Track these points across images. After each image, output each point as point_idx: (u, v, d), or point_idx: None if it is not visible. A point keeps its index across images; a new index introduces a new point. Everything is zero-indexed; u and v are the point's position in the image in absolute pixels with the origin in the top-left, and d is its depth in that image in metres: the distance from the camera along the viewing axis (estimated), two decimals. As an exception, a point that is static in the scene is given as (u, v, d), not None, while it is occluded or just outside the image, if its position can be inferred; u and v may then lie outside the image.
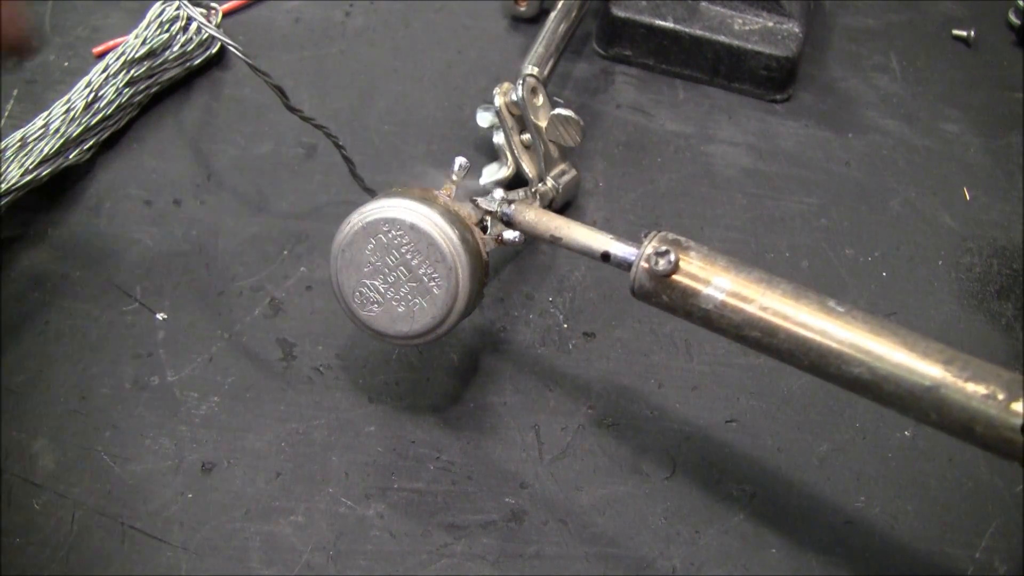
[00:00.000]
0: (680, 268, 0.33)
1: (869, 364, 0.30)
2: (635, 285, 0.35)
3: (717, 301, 0.33)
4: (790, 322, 0.31)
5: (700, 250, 0.34)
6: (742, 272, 0.33)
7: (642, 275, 0.34)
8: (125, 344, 0.44)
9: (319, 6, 0.60)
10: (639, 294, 0.35)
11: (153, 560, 0.38)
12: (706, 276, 0.33)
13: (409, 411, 0.43)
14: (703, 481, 0.42)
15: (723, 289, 0.33)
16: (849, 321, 0.31)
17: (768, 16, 0.57)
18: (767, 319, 0.32)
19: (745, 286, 0.32)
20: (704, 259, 0.33)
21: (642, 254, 0.34)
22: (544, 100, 0.48)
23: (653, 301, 0.34)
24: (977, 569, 0.40)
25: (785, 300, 0.32)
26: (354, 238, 0.37)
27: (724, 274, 0.33)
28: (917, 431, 0.44)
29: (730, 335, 0.33)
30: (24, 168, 0.46)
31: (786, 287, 0.32)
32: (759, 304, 0.32)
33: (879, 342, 0.30)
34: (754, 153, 0.55)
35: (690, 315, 0.34)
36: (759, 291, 0.32)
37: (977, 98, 0.59)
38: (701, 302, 0.33)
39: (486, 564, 0.39)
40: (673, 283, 0.33)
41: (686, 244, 0.34)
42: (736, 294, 0.32)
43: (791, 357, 0.32)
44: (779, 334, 0.32)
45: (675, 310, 0.34)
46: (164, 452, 0.41)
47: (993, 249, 0.52)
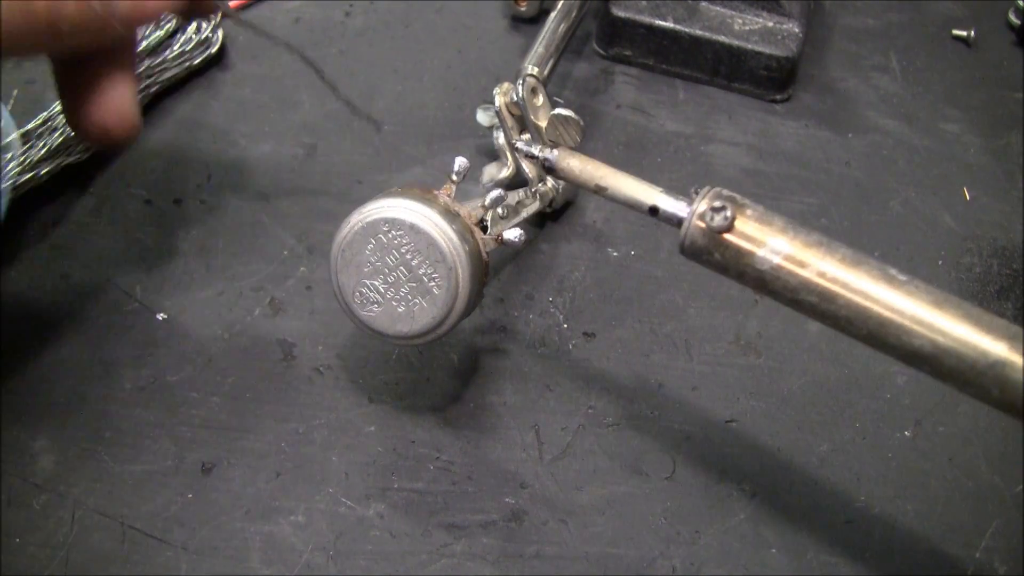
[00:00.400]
0: (735, 227, 0.32)
1: (931, 337, 0.29)
2: (686, 242, 0.33)
3: (773, 263, 0.31)
4: (849, 289, 0.30)
5: (756, 209, 0.32)
6: (800, 234, 0.32)
7: (695, 231, 0.33)
8: (125, 344, 0.44)
9: (319, 6, 0.60)
10: (689, 251, 0.33)
11: (153, 560, 0.38)
12: (762, 236, 0.32)
13: (409, 411, 0.43)
14: (703, 481, 0.42)
15: (779, 251, 0.31)
16: (911, 291, 0.30)
17: (768, 16, 0.57)
18: (824, 285, 0.31)
19: (803, 249, 0.31)
20: (760, 218, 0.32)
21: (695, 210, 0.33)
22: (544, 100, 0.48)
23: (704, 259, 0.33)
24: (977, 569, 0.40)
25: (844, 266, 0.31)
26: (354, 238, 0.37)
27: (781, 235, 0.32)
28: (917, 431, 0.44)
29: (784, 299, 0.32)
30: (23, 166, 0.46)
31: (845, 252, 0.31)
32: (817, 269, 0.31)
33: (942, 314, 0.29)
34: (754, 153, 0.55)
35: (743, 276, 0.32)
36: (817, 255, 0.31)
37: (977, 98, 0.59)
38: (756, 263, 0.32)
39: (486, 564, 0.39)
40: (727, 242, 0.32)
41: (742, 201, 0.33)
42: (793, 257, 0.31)
43: (848, 325, 0.31)
44: (837, 300, 0.31)
45: (727, 270, 0.33)
46: (164, 452, 0.41)
47: (993, 249, 0.52)
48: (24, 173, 0.47)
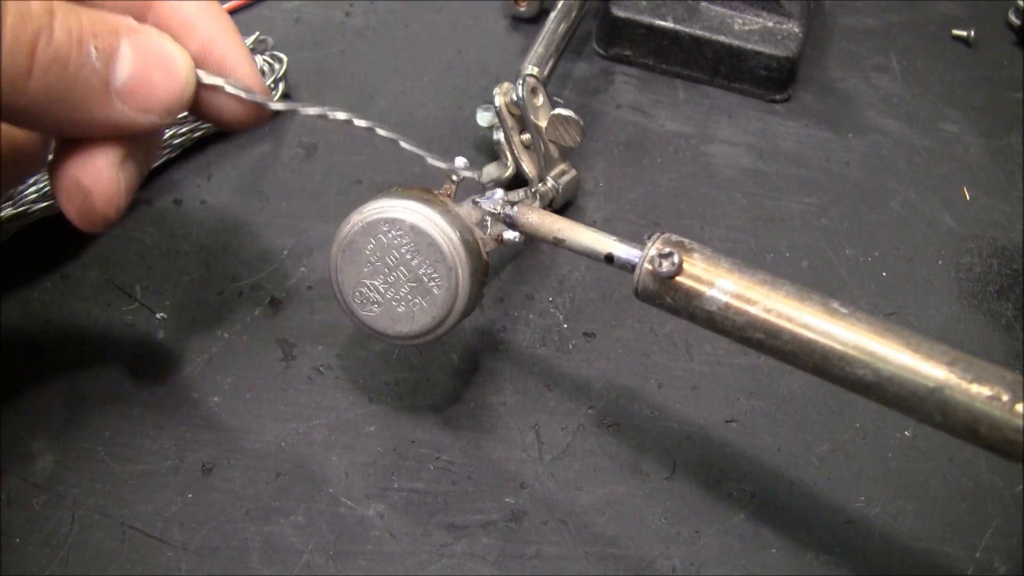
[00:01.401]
0: (684, 270, 0.33)
1: (873, 366, 0.30)
2: (639, 287, 0.35)
3: (721, 303, 0.33)
4: (794, 324, 0.31)
5: (704, 252, 0.34)
6: (746, 274, 0.33)
7: (645, 277, 0.34)
8: (125, 344, 0.44)
9: (319, 6, 0.60)
10: (642, 296, 0.35)
11: (153, 560, 0.38)
12: (710, 278, 0.33)
13: (409, 411, 0.43)
14: (703, 481, 0.42)
15: (727, 291, 0.33)
16: (853, 323, 0.31)
17: (768, 16, 0.57)
18: (771, 321, 0.32)
19: (749, 288, 0.32)
20: (708, 261, 0.33)
21: (645, 256, 0.34)
22: (544, 100, 0.48)
23: (657, 303, 0.35)
24: (977, 569, 0.40)
25: (789, 302, 0.32)
26: (354, 238, 0.37)
27: (728, 276, 0.33)
28: (917, 431, 0.44)
29: (734, 337, 0.33)
30: (41, 192, 0.45)
31: (789, 289, 0.32)
32: (763, 306, 0.32)
33: (883, 344, 0.30)
34: (754, 153, 0.55)
35: (694, 317, 0.34)
36: (763, 293, 0.32)
37: (977, 98, 0.59)
38: (705, 304, 0.33)
39: (486, 564, 0.39)
40: (677, 285, 0.33)
41: (689, 246, 0.34)
42: (740, 296, 0.32)
43: (795, 359, 0.32)
44: (783, 336, 0.32)
45: (679, 312, 0.34)
46: (164, 452, 0.41)
47: (993, 249, 0.52)
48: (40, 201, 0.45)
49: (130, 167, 0.32)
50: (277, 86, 0.53)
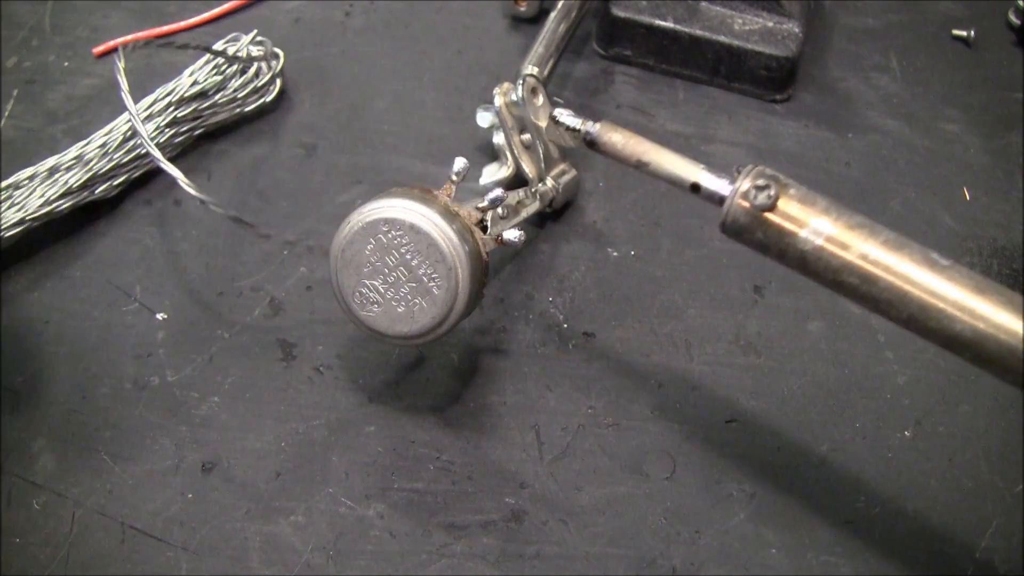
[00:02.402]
0: (778, 206, 0.32)
1: (971, 322, 0.29)
2: (727, 220, 0.33)
3: (815, 244, 0.31)
4: (891, 272, 0.30)
5: (799, 189, 0.32)
6: (843, 216, 0.32)
7: (737, 209, 0.33)
8: (125, 344, 0.44)
9: (319, 6, 0.60)
10: (731, 230, 0.33)
11: (153, 560, 0.38)
12: (804, 217, 0.32)
13: (409, 411, 0.43)
14: (703, 481, 0.42)
15: (822, 232, 0.31)
16: (954, 276, 0.30)
17: (768, 16, 0.57)
18: (866, 267, 0.31)
19: (846, 231, 0.31)
20: (803, 199, 0.32)
21: (738, 187, 0.33)
22: (544, 100, 0.48)
23: (745, 238, 0.33)
24: (977, 569, 0.40)
25: (887, 249, 0.31)
26: (354, 238, 0.37)
27: (824, 216, 0.32)
28: (917, 431, 0.44)
29: (825, 280, 0.32)
30: (45, 198, 0.45)
31: (888, 235, 0.31)
32: (859, 251, 0.31)
33: (984, 300, 0.29)
34: (754, 153, 0.55)
35: (784, 256, 0.32)
36: (860, 237, 0.31)
37: (977, 98, 0.59)
38: (799, 243, 0.32)
39: (486, 564, 0.39)
40: (770, 221, 0.32)
41: (785, 181, 0.33)
42: (835, 239, 0.31)
43: (889, 308, 0.31)
44: (879, 283, 0.31)
45: (768, 249, 0.33)
46: (164, 452, 0.41)
47: (993, 249, 0.52)
48: (44, 207, 0.45)
49: None
50: (275, 82, 0.53)
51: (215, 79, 0.51)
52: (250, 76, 0.52)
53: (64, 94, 0.54)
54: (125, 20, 0.57)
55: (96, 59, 0.55)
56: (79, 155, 0.47)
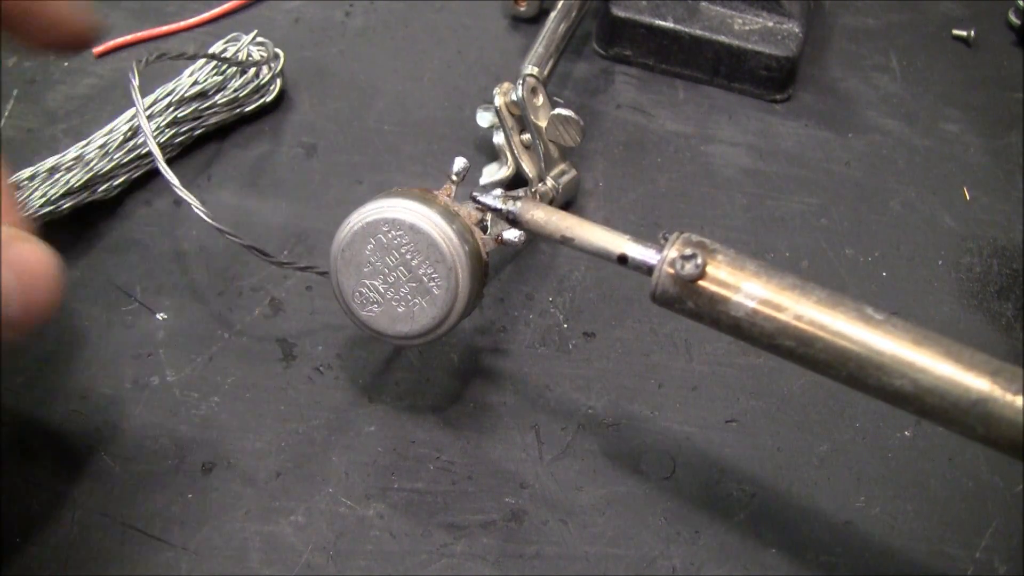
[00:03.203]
0: (707, 273, 0.31)
1: (911, 376, 0.29)
2: (657, 291, 0.32)
3: (748, 309, 0.31)
4: (827, 332, 0.30)
5: (727, 253, 0.32)
6: (774, 278, 0.31)
7: (665, 280, 0.32)
8: (125, 344, 0.44)
9: (319, 6, 0.60)
10: (661, 300, 0.33)
11: (153, 560, 0.38)
12: (735, 282, 0.31)
13: (409, 411, 0.43)
14: (703, 481, 0.42)
15: (754, 296, 0.31)
16: (889, 330, 0.29)
17: (768, 16, 0.57)
18: (803, 328, 0.30)
19: (778, 293, 0.31)
20: (732, 263, 0.31)
21: (665, 258, 0.32)
22: (544, 100, 0.48)
23: (677, 307, 0.32)
24: (977, 569, 0.40)
25: (821, 308, 0.30)
26: (354, 238, 0.37)
27: (755, 280, 0.31)
28: (917, 431, 0.44)
29: (761, 344, 0.31)
30: (46, 198, 0.45)
31: (820, 294, 0.30)
32: (793, 312, 0.30)
33: (922, 353, 0.29)
34: (754, 153, 0.55)
35: (718, 323, 0.32)
36: (793, 298, 0.30)
37: (977, 98, 0.59)
38: (731, 309, 0.31)
39: (486, 564, 0.39)
40: (700, 289, 0.31)
41: (712, 247, 0.32)
42: (768, 302, 0.31)
43: (828, 368, 0.30)
44: (816, 344, 0.30)
45: (701, 317, 0.32)
46: (164, 452, 0.41)
47: (993, 249, 0.52)
48: (45, 207, 0.45)
49: None
50: (275, 82, 0.53)
51: (215, 79, 0.50)
52: (250, 76, 0.52)
53: (64, 94, 0.54)
54: (125, 20, 0.57)
55: (96, 59, 0.55)
56: (79, 155, 0.47)
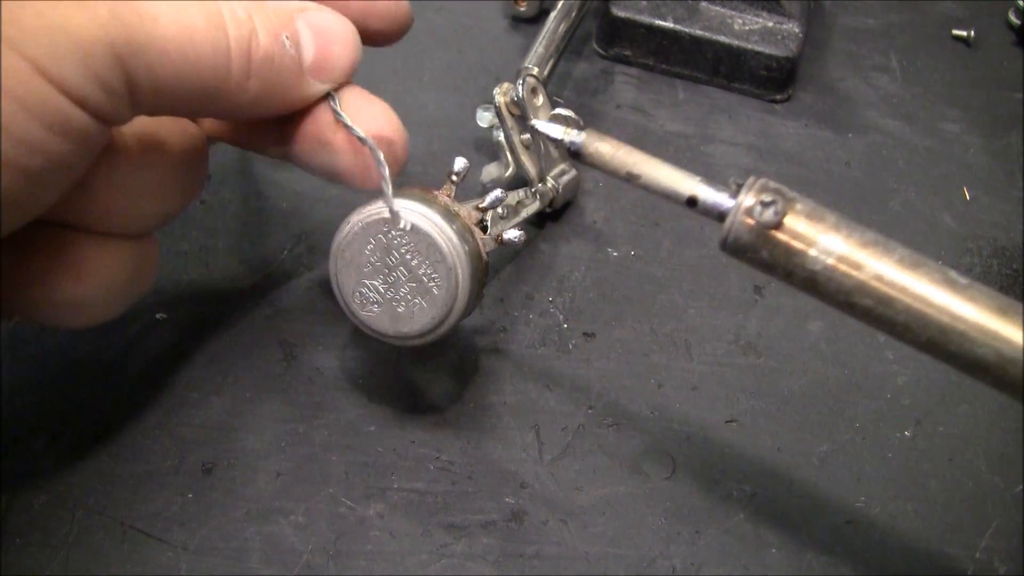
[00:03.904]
0: (784, 223, 0.30)
1: (995, 345, 0.28)
2: (730, 238, 0.30)
3: (826, 263, 0.29)
4: (908, 294, 0.28)
5: (806, 203, 0.30)
6: (854, 232, 0.29)
7: (740, 227, 0.30)
8: (125, 344, 0.44)
9: (319, 6, 0.60)
10: (733, 248, 0.31)
11: (153, 560, 0.38)
12: (813, 234, 0.29)
13: (409, 411, 0.43)
14: (703, 481, 0.42)
15: (833, 251, 0.29)
16: (974, 296, 0.28)
17: (768, 16, 0.57)
18: (882, 288, 0.29)
19: (859, 249, 0.29)
20: (811, 214, 0.30)
21: (741, 203, 0.30)
22: (544, 100, 0.48)
23: (749, 257, 0.30)
24: (977, 569, 0.40)
25: (903, 267, 0.29)
26: (354, 238, 0.37)
27: (834, 233, 0.29)
28: (917, 431, 0.44)
29: (836, 302, 0.30)
30: None
31: (903, 253, 0.29)
32: (873, 271, 0.29)
33: (1007, 322, 0.28)
34: (754, 153, 0.55)
35: (791, 276, 0.30)
36: (873, 255, 0.29)
37: (977, 98, 0.59)
38: (808, 263, 0.29)
39: (486, 564, 0.39)
40: (776, 239, 0.30)
41: (790, 195, 0.30)
42: (847, 258, 0.29)
43: (906, 331, 0.29)
44: (895, 305, 0.29)
45: (775, 268, 0.30)
46: (164, 452, 0.41)
47: (993, 249, 0.52)
48: None
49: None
50: None
51: None
52: None
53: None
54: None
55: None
56: None
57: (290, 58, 0.33)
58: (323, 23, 0.34)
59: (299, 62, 0.33)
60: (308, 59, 0.34)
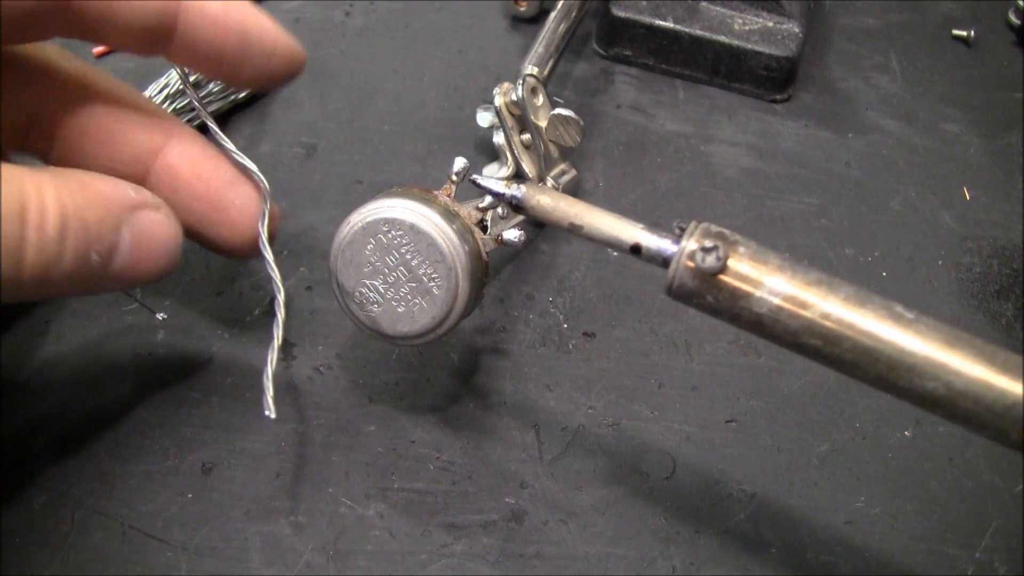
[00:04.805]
0: (728, 267, 0.30)
1: (944, 378, 0.27)
2: (674, 284, 0.31)
3: (772, 305, 0.29)
4: (855, 331, 0.28)
5: (749, 246, 0.30)
6: (799, 273, 0.30)
7: (684, 273, 0.30)
8: (125, 344, 0.44)
9: (319, 6, 0.60)
10: (678, 294, 0.31)
11: (153, 560, 0.38)
12: (758, 276, 0.29)
13: (409, 411, 0.43)
14: (703, 481, 0.42)
15: (778, 292, 0.29)
16: (921, 330, 0.28)
17: (768, 16, 0.57)
18: (829, 327, 0.29)
19: (803, 288, 0.29)
20: (755, 256, 0.30)
21: (683, 249, 0.30)
22: (544, 100, 0.48)
23: (695, 302, 0.31)
24: (977, 569, 0.40)
25: (848, 305, 0.29)
26: (354, 238, 0.37)
27: (779, 274, 0.29)
28: (917, 431, 0.44)
29: (785, 343, 0.30)
30: None
31: (848, 290, 0.29)
32: (820, 310, 0.29)
33: (956, 354, 0.28)
34: (754, 153, 0.55)
35: (738, 319, 0.30)
36: (819, 295, 0.29)
37: (977, 98, 0.59)
38: (753, 305, 0.29)
39: (486, 564, 0.39)
40: (720, 283, 0.30)
41: (732, 238, 0.30)
42: (793, 298, 0.29)
43: (855, 368, 0.29)
44: (843, 343, 0.29)
45: (720, 313, 0.31)
46: (164, 452, 0.41)
47: (993, 249, 0.52)
48: None
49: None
50: None
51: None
52: None
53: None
54: (125, 20, 0.57)
55: (96, 59, 0.55)
56: None
57: (94, 269, 0.32)
58: (146, 231, 0.34)
59: (103, 271, 0.33)
60: (119, 263, 0.33)
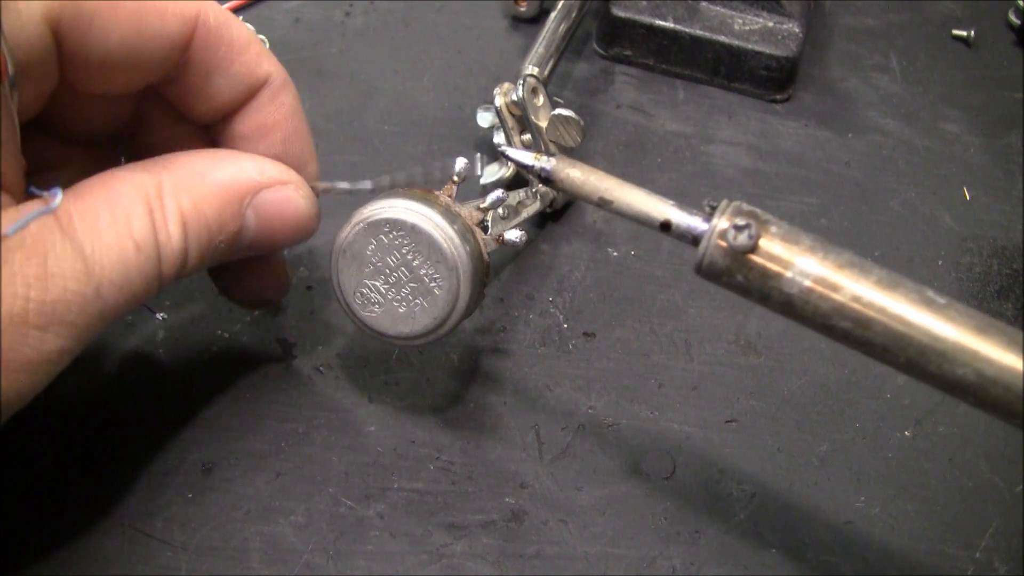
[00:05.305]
0: (760, 246, 0.29)
1: (975, 365, 0.27)
2: (704, 262, 0.30)
3: (803, 286, 0.29)
4: (886, 315, 0.28)
5: (781, 226, 0.30)
6: (830, 254, 0.29)
7: (715, 251, 0.30)
8: (125, 344, 0.44)
9: (319, 6, 0.60)
10: (707, 272, 0.30)
11: (153, 560, 0.38)
12: (789, 256, 0.29)
13: (409, 411, 0.43)
14: (703, 481, 0.42)
15: (809, 273, 0.29)
16: (953, 316, 0.28)
17: (768, 16, 0.57)
18: (859, 310, 0.29)
19: (835, 271, 0.29)
20: (786, 237, 0.30)
21: (715, 227, 0.30)
22: (544, 100, 0.48)
23: (724, 281, 0.30)
24: (977, 569, 0.40)
25: (880, 288, 0.29)
26: (355, 238, 0.37)
27: (810, 255, 0.29)
28: (917, 431, 0.44)
29: (814, 324, 0.30)
30: None
31: (880, 273, 0.29)
32: (850, 292, 0.29)
33: (987, 341, 0.27)
34: (754, 153, 0.55)
35: (767, 299, 0.30)
36: (850, 277, 0.29)
37: (977, 98, 0.59)
38: (783, 286, 0.29)
39: (486, 564, 0.39)
40: (751, 262, 0.29)
41: (764, 217, 0.30)
42: (824, 280, 0.29)
43: (885, 352, 0.29)
44: (873, 327, 0.28)
45: (750, 292, 0.30)
46: (164, 452, 0.41)
47: (993, 249, 0.52)
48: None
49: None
50: None
51: None
52: None
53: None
54: (125, 20, 0.57)
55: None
56: None
57: (221, 251, 0.35)
58: (272, 210, 0.36)
59: (230, 251, 0.35)
60: (248, 239, 0.35)
